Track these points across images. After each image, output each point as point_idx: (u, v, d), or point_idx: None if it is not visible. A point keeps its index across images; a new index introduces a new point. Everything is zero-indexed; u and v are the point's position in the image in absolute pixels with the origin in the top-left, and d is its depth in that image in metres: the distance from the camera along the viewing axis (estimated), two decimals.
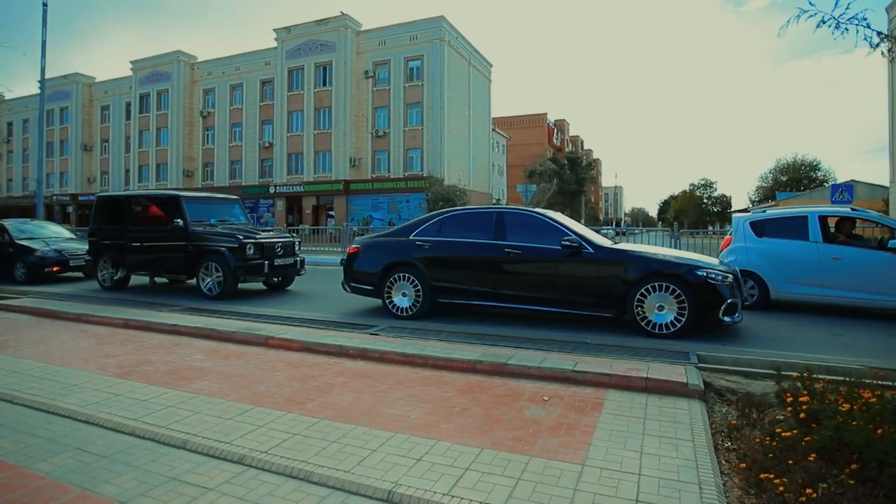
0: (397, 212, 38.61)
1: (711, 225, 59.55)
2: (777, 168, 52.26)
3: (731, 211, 65.00)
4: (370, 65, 38.41)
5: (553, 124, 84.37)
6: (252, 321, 6.96)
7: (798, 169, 49.93)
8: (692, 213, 60.74)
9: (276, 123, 40.97)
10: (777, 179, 51.26)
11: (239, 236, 8.73)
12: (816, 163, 49.53)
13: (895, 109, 28.27)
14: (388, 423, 3.65)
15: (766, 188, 51.67)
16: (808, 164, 49.71)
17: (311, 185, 40.08)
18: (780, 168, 51.75)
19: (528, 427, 3.59)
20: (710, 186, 66.42)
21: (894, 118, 28.21)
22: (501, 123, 69.99)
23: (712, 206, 64.94)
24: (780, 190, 45.45)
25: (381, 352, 5.28)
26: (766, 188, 51.28)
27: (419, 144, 38.19)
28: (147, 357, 5.44)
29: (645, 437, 3.43)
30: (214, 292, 8.79)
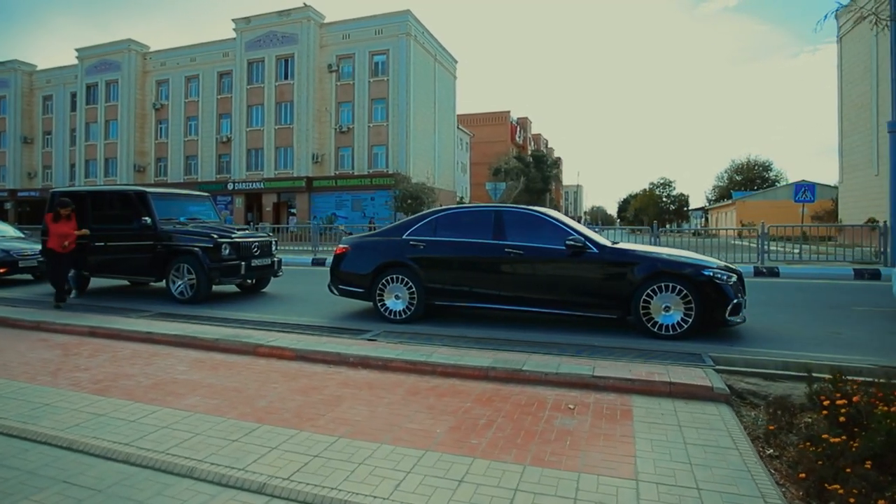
0: (361, 210, 37.97)
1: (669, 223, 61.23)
2: (732, 168, 54.24)
3: (687, 209, 67.11)
4: (334, 58, 37.57)
5: (516, 122, 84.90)
6: (234, 327, 6.51)
7: (752, 169, 51.92)
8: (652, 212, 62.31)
9: (235, 117, 39.60)
10: (732, 179, 53.17)
11: (213, 235, 8.20)
12: (769, 163, 51.68)
13: (844, 113, 29.62)
14: (413, 439, 3.37)
15: (721, 187, 53.51)
16: (761, 164, 51.78)
17: (272, 181, 38.92)
18: (735, 168, 53.72)
19: (563, 439, 3.38)
20: (669, 185, 68.39)
21: (843, 121, 29.56)
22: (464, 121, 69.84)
23: (671, 205, 66.79)
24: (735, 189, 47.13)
25: (385, 359, 4.98)
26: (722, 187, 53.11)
27: (384, 141, 37.62)
28: (124, 370, 4.96)
29: (688, 447, 3.27)
30: (186, 295, 8.23)
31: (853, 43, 28.61)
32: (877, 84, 25.89)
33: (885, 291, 8.67)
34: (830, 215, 32.39)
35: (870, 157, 26.89)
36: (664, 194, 68.27)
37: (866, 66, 27.13)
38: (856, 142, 28.39)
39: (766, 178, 51.25)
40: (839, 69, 30.14)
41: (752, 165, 52.61)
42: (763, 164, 52.32)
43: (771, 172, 51.87)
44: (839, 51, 30.10)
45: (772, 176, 51.42)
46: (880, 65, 25.54)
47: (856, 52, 28.34)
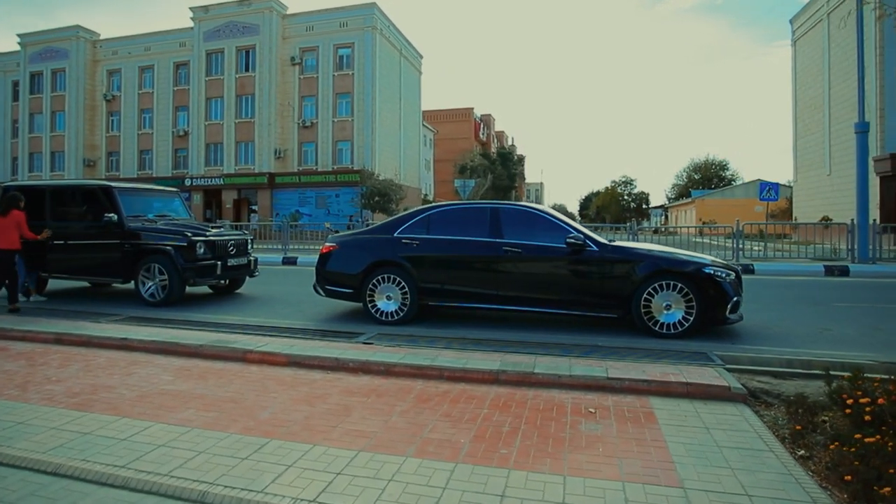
0: (326, 207, 37.26)
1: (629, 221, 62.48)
2: (691, 167, 55.95)
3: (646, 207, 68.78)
4: (297, 51, 36.65)
5: (479, 119, 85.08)
6: (215, 331, 6.14)
7: (710, 168, 53.63)
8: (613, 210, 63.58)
9: (193, 110, 38.16)
10: (691, 178, 54.81)
11: (187, 233, 7.73)
12: (725, 163, 53.51)
13: (798, 114, 30.84)
14: (439, 451, 3.16)
15: (681, 186, 55.08)
16: (719, 163, 53.59)
17: (232, 177, 37.74)
18: (694, 167, 55.41)
19: (594, 446, 3.24)
20: (630, 184, 69.91)
21: (797, 122, 30.78)
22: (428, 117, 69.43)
23: (631, 203, 68.34)
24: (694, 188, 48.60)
25: (387, 364, 4.74)
26: (682, 186, 54.67)
27: (349, 136, 36.99)
28: (102, 381, 4.56)
29: (722, 450, 3.19)
30: (158, 298, 7.75)
31: (807, 46, 29.82)
32: (829, 87, 27.04)
33: (859, 287, 8.98)
34: (785, 213, 33.74)
35: (822, 157, 28.09)
36: (625, 192, 69.81)
37: (819, 69, 28.31)
38: (809, 142, 29.62)
39: (723, 177, 53.07)
40: (793, 72, 31.38)
41: (709, 164, 54.40)
42: (720, 164, 54.20)
43: (727, 171, 53.77)
44: (793, 54, 31.33)
45: (728, 175, 53.29)
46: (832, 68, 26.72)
47: (809, 55, 29.54)
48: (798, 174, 30.60)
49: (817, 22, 28.36)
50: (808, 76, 29.53)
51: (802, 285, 10.00)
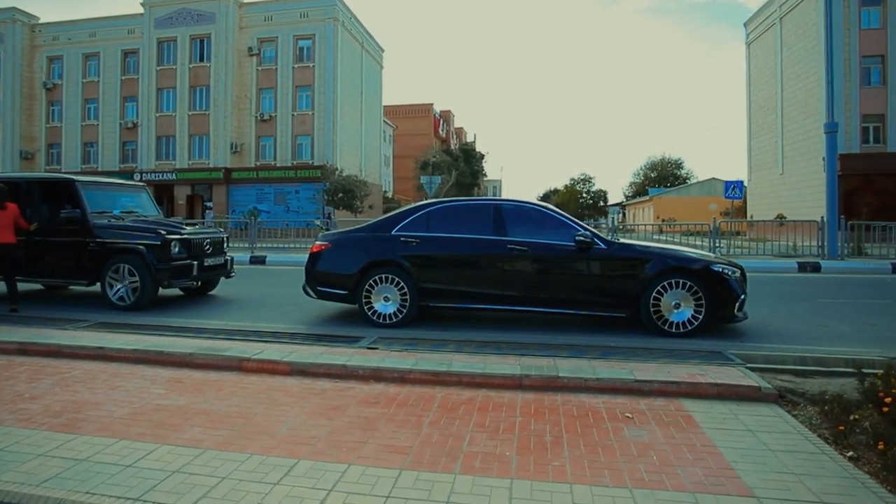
0: (285, 203, 36.21)
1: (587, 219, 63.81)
2: (648, 165, 57.42)
3: (602, 205, 70.22)
4: (254, 41, 35.40)
5: (438, 115, 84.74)
6: (200, 338, 5.70)
7: (665, 166, 55.22)
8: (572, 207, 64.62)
9: (143, 101, 36.31)
10: (647, 176, 56.29)
11: (161, 231, 7.17)
12: (680, 161, 55.22)
13: (752, 115, 32.05)
14: (488, 466, 2.94)
15: (638, 184, 56.48)
16: (674, 162, 55.24)
17: (185, 172, 36.16)
18: (651, 165, 56.90)
19: (646, 454, 3.09)
20: (589, 181, 71.16)
21: (751, 123, 31.97)
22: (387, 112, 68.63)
23: (589, 200, 69.62)
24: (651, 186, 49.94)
25: (401, 371, 4.47)
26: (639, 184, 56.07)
27: (310, 131, 36.06)
28: (84, 396, 4.10)
29: (776, 454, 3.10)
30: (128, 301, 7.16)
31: (760, 49, 31.00)
32: (781, 89, 28.19)
33: (833, 283, 9.28)
34: (739, 212, 35.01)
35: (775, 156, 29.30)
36: (584, 190, 71.07)
37: (772, 71, 29.49)
38: (763, 142, 30.84)
39: (678, 175, 54.76)
40: (747, 74, 32.58)
41: (665, 163, 56.04)
42: (675, 162, 55.92)
43: (682, 170, 55.53)
44: (747, 56, 32.54)
45: (683, 174, 55.04)
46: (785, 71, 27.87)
47: (763, 58, 30.73)
48: (752, 173, 31.84)
49: (770, 26, 29.57)
50: (762, 78, 30.75)
51: (781, 282, 10.25)
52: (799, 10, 26.81)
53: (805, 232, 14.99)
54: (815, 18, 25.71)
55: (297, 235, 22.45)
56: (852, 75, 23.72)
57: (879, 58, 24.66)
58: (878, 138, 24.94)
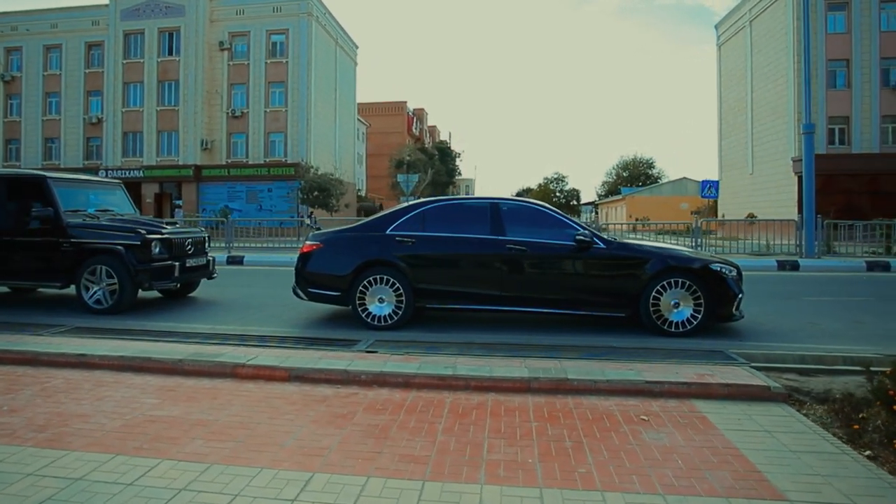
0: (258, 202, 35.51)
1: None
2: (620, 165, 58.25)
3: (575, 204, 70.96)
4: (226, 35, 34.55)
5: (412, 113, 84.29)
6: (187, 342, 5.45)
7: (637, 166, 56.10)
8: None
9: (108, 95, 35.08)
10: (620, 175, 57.10)
11: (140, 230, 6.85)
12: (652, 161, 56.21)
13: (722, 115, 32.76)
14: (513, 475, 2.84)
15: (610, 183, 57.24)
16: (646, 162, 56.20)
17: (154, 169, 35.10)
18: (623, 165, 57.72)
19: (670, 458, 3.04)
20: (562, 181, 71.81)
21: (722, 123, 32.69)
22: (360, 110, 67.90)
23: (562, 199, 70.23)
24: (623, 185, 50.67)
25: (405, 375, 4.33)
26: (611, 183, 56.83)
27: (283, 128, 35.42)
28: (69, 408, 3.84)
29: (799, 456, 3.09)
30: (105, 304, 6.82)
31: (731, 51, 31.73)
32: (751, 90, 28.89)
33: (813, 281, 9.50)
34: (710, 211, 35.77)
35: (745, 157, 30.02)
36: (557, 189, 71.68)
37: (742, 73, 30.20)
38: (733, 143, 31.56)
39: (650, 175, 55.71)
40: (718, 75, 33.30)
41: (637, 162, 56.95)
42: (647, 162, 56.89)
43: (654, 170, 56.53)
44: (718, 58, 33.26)
45: (654, 173, 56.03)
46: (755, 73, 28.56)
47: (733, 60, 31.45)
48: (723, 173, 32.57)
49: (740, 29, 30.31)
50: (732, 80, 31.48)
51: (764, 280, 10.42)
52: (768, 13, 27.53)
53: (777, 231, 15.36)
54: (783, 22, 26.45)
55: (271, 235, 22.00)
56: (819, 78, 24.44)
57: (844, 62, 25.51)
58: (844, 140, 25.81)
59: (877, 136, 25.47)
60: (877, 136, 25.49)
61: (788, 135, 25.98)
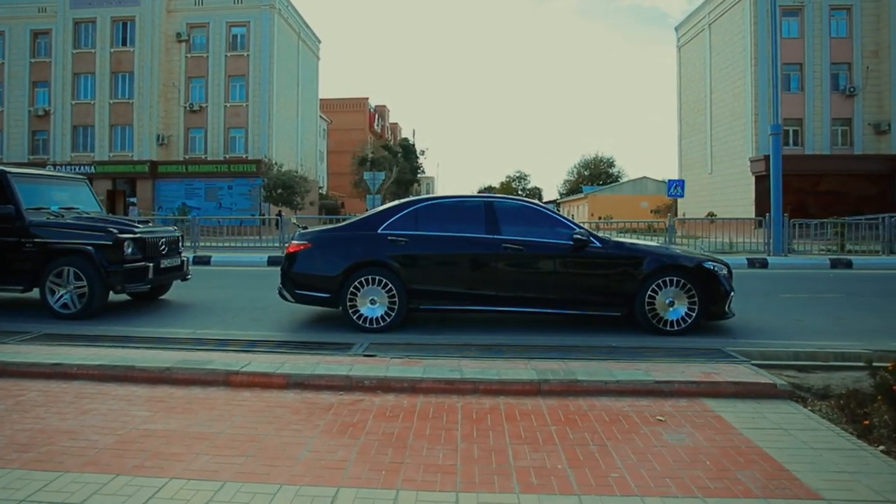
0: (217, 200, 34.45)
1: None
2: (581, 164, 59.32)
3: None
4: (184, 27, 33.31)
5: (373, 110, 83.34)
6: (173, 349, 5.16)
7: (598, 165, 57.21)
8: None
9: (56, 87, 33.28)
10: (581, 174, 58.11)
11: (112, 230, 6.44)
12: (612, 160, 57.42)
13: (682, 116, 33.69)
14: (546, 483, 2.76)
15: (572, 181, 58.19)
16: (607, 161, 57.41)
17: (106, 165, 33.57)
18: (584, 164, 58.78)
19: (699, 460, 3.02)
20: (524, 179, 72.58)
21: (682, 123, 33.62)
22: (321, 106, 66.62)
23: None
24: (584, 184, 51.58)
25: (411, 380, 4.20)
26: (573, 182, 57.78)
27: (243, 123, 34.48)
28: (52, 424, 3.54)
29: (821, 453, 3.12)
30: (73, 309, 6.40)
31: (691, 53, 32.65)
32: (710, 92, 29.81)
33: (784, 278, 9.83)
34: (669, 209, 36.77)
35: (704, 156, 30.97)
36: (519, 187, 72.39)
37: (701, 74, 31.13)
38: (693, 143, 32.51)
39: (611, 173, 56.92)
40: (678, 76, 34.23)
41: (598, 161, 58.12)
42: (608, 161, 58.13)
43: (614, 169, 57.78)
44: (678, 59, 34.19)
45: (615, 172, 57.29)
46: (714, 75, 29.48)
47: (693, 61, 32.38)
48: (683, 172, 33.52)
49: (700, 31, 31.25)
50: (692, 81, 32.43)
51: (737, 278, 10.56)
52: (726, 17, 28.48)
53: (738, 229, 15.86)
54: (740, 26, 27.42)
55: (231, 233, 21.28)
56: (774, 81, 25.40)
57: (798, 66, 26.64)
58: (797, 141, 26.97)
59: (827, 138, 26.75)
60: (828, 138, 26.76)
61: (746, 135, 26.96)
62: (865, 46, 26.60)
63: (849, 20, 26.64)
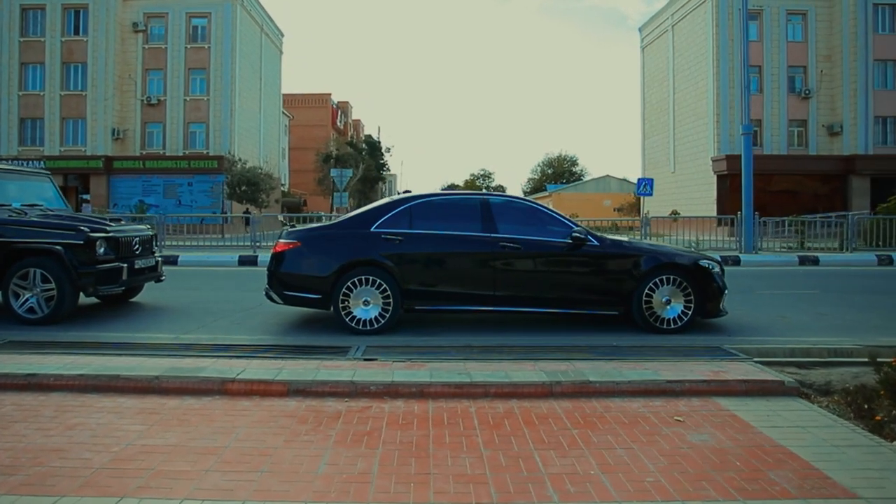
0: (176, 197, 33.25)
1: None
2: (545, 162, 60.00)
3: None
4: (141, 16, 31.95)
5: (336, 106, 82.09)
6: (158, 356, 4.84)
7: (562, 163, 57.99)
8: None
9: (2, 77, 31.38)
10: (545, 172, 58.78)
11: (83, 228, 6.03)
12: (575, 159, 58.31)
13: (646, 115, 34.41)
14: (582, 490, 2.68)
15: (535, 180, 58.79)
16: (570, 159, 58.25)
17: (57, 160, 31.87)
18: (548, 162, 59.49)
19: (727, 461, 3.00)
20: (489, 177, 72.86)
21: (645, 122, 34.34)
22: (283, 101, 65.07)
23: None
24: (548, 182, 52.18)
25: (419, 384, 4.06)
26: (536, 180, 58.39)
27: (204, 118, 33.39)
28: (37, 441, 3.25)
29: (843, 450, 3.13)
30: (40, 313, 5.96)
31: (654, 54, 33.38)
32: (673, 92, 30.53)
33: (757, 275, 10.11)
34: (633, 207, 37.57)
35: (667, 155, 31.72)
36: (484, 185, 72.67)
37: (664, 75, 31.85)
38: (656, 142, 33.26)
39: (574, 172, 57.79)
40: (642, 76, 34.94)
41: (562, 160, 58.91)
42: (571, 160, 58.98)
43: (577, 167, 58.67)
44: (642, 60, 34.88)
45: (578, 170, 58.18)
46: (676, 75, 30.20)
47: (656, 62, 33.09)
48: (646, 171, 34.27)
49: (663, 32, 31.97)
50: (655, 81, 33.18)
51: None
52: (689, 19, 29.24)
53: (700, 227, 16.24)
54: (703, 28, 28.19)
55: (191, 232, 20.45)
56: (735, 82, 26.24)
57: (757, 68, 27.55)
58: (756, 142, 27.78)
59: (784, 138, 27.80)
60: (784, 139, 27.82)
61: (708, 135, 27.77)
62: (819, 51, 27.79)
63: (804, 25, 27.77)
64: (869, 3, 27.01)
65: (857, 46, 26.91)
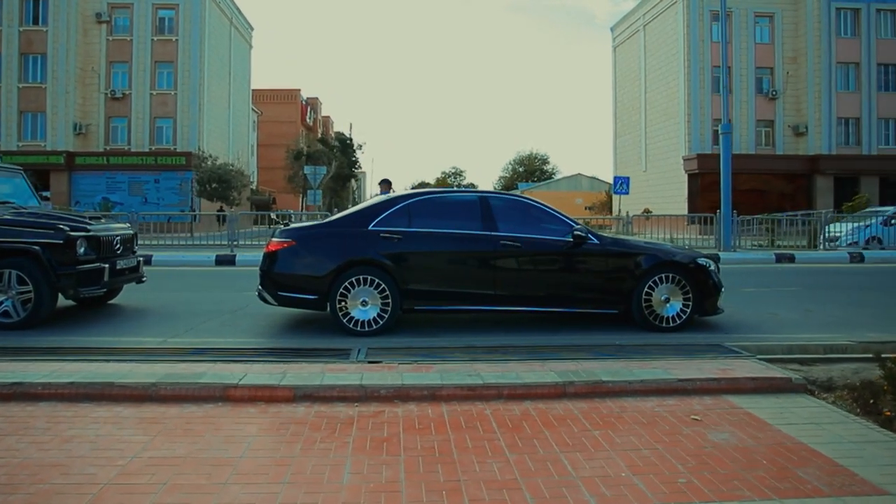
0: (142, 194, 32.24)
1: None
2: (516, 160, 60.39)
3: None
4: (104, 6, 30.79)
5: (306, 102, 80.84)
6: (151, 361, 4.62)
7: (533, 161, 58.42)
8: None
9: None
10: (516, 170, 59.13)
11: (63, 227, 5.72)
12: (546, 157, 58.85)
13: (617, 114, 34.91)
14: (619, 494, 2.64)
15: (507, 178, 59.10)
16: (541, 157, 58.73)
17: (14, 155, 30.16)
18: (519, 160, 59.86)
19: (754, 460, 3.00)
20: (460, 175, 72.80)
21: (617, 121, 34.83)
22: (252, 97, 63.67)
23: None
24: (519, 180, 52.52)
25: (430, 387, 3.97)
26: (508, 178, 58.70)
27: (171, 113, 32.44)
28: (31, 454, 3.04)
29: (862, 446, 3.17)
30: (16, 317, 5.63)
31: (625, 53, 33.88)
32: (645, 92, 31.05)
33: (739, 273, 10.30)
34: (605, 206, 38.07)
35: (639, 154, 32.25)
36: (455, 183, 72.63)
37: (636, 74, 32.37)
38: (627, 141, 33.80)
39: (545, 170, 58.30)
40: (613, 75, 35.44)
41: (533, 158, 59.36)
42: (542, 158, 59.49)
43: (548, 165, 59.23)
44: (614, 59, 35.37)
45: (549, 169, 58.73)
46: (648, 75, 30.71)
47: (627, 61, 33.60)
48: (618, 169, 34.80)
49: (635, 32, 32.48)
50: (627, 80, 33.70)
51: None
52: (660, 19, 29.78)
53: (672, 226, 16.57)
54: (674, 28, 28.75)
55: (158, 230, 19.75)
56: (705, 83, 26.95)
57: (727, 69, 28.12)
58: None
59: (752, 138, 28.59)
60: (752, 139, 28.60)
61: (679, 135, 28.35)
62: (786, 53, 28.66)
63: (771, 27, 28.58)
64: (832, 7, 28.00)
65: (820, 49, 27.89)
